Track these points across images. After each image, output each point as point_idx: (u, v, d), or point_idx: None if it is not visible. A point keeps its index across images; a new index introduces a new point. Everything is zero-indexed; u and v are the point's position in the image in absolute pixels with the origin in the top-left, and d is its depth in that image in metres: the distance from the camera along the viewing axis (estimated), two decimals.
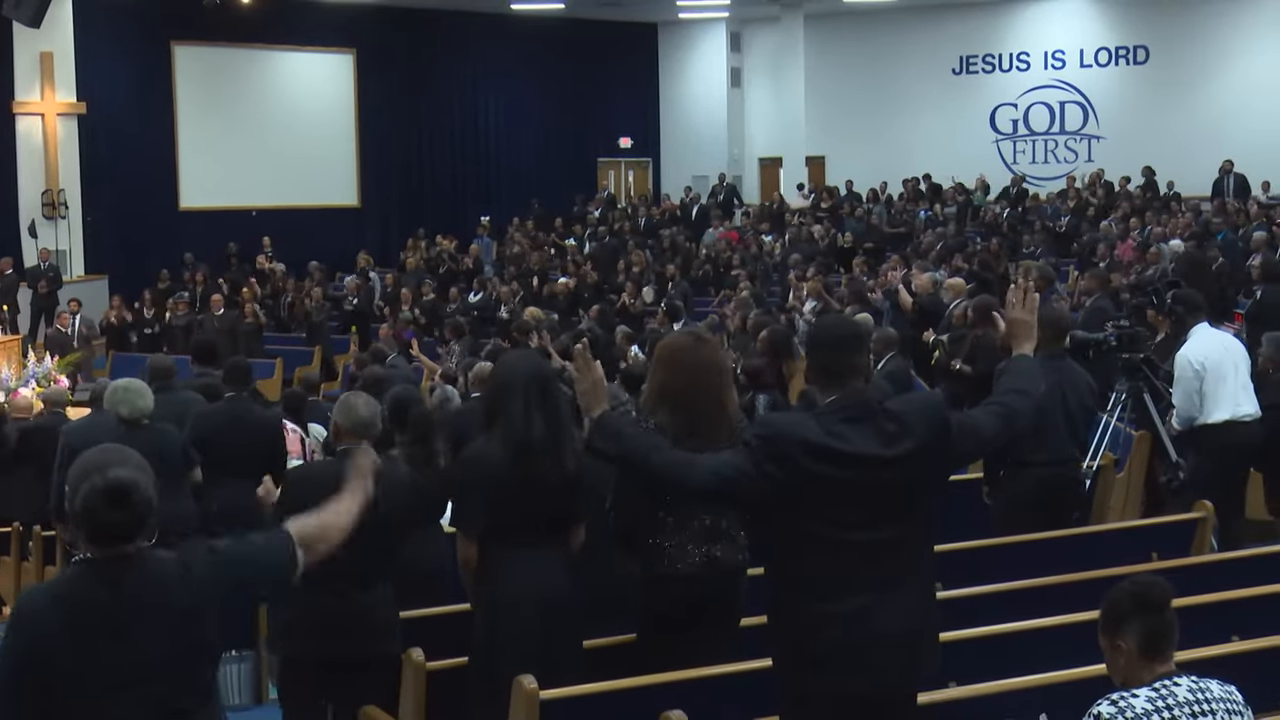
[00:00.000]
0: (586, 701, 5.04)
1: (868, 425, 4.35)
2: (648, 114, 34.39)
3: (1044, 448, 8.34)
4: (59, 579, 3.58)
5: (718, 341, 5.67)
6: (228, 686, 8.09)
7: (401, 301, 22.69)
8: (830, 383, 4.42)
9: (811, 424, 4.34)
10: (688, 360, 5.54)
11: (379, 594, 6.05)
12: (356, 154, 30.77)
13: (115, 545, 3.51)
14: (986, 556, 7.61)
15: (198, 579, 3.58)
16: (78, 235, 26.70)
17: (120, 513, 3.49)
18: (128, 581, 3.50)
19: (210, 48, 28.46)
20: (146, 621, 3.50)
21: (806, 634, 4.29)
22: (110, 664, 3.46)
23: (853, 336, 4.62)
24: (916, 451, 4.36)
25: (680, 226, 28.56)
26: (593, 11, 31.26)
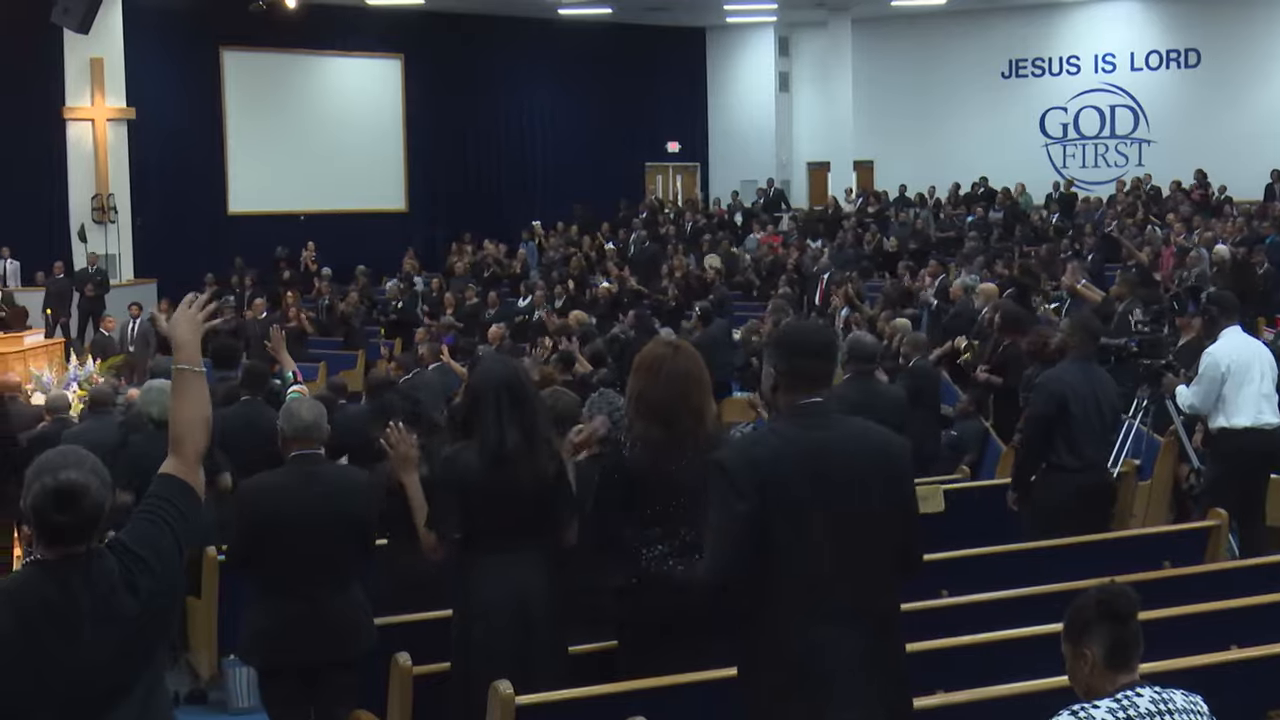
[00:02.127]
0: (563, 707, 5.02)
1: (827, 433, 4.28)
2: (696, 118, 34.37)
3: (1080, 452, 8.31)
4: (11, 578, 3.60)
5: (696, 351, 5.60)
6: (234, 689, 8.13)
7: (444, 306, 22.75)
8: (801, 390, 4.34)
9: (766, 443, 4.28)
10: (664, 370, 5.48)
11: (351, 596, 6.08)
12: (404, 159, 30.92)
13: (64, 546, 3.52)
14: (993, 563, 7.55)
15: (145, 575, 3.59)
16: (127, 239, 26.97)
17: (67, 515, 3.49)
18: (76, 582, 3.51)
19: (258, 53, 28.68)
20: (96, 621, 3.51)
21: (763, 663, 4.22)
22: (59, 662, 3.47)
23: (830, 344, 4.57)
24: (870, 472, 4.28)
25: (725, 231, 28.51)
26: (640, 16, 31.28)
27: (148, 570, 3.61)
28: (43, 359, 17.56)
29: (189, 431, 3.86)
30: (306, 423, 6.19)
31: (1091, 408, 8.30)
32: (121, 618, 3.55)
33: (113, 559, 3.59)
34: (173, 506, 3.72)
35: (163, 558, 3.65)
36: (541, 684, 5.22)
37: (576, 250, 27.28)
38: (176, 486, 3.77)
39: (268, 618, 6.11)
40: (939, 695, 5.08)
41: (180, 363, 3.94)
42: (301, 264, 27.67)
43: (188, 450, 3.84)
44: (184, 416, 3.88)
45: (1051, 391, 8.39)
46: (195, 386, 3.92)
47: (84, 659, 3.50)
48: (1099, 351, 9.33)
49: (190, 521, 3.75)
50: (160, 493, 3.75)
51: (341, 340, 22.67)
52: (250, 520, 6.06)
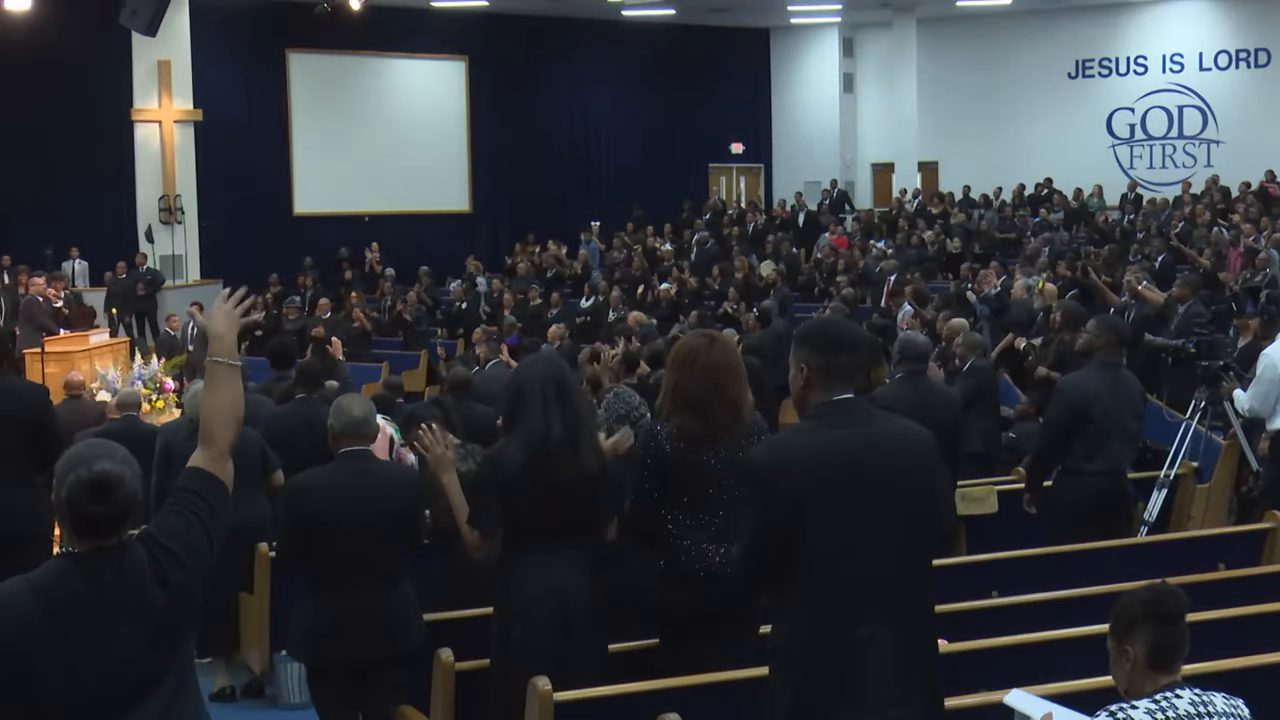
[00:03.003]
0: (600, 704, 5.02)
1: (858, 432, 4.25)
2: (759, 119, 34.33)
3: (1097, 457, 8.20)
4: (41, 571, 3.59)
5: (733, 343, 5.58)
6: (285, 685, 8.18)
7: (505, 307, 22.81)
8: (832, 387, 4.31)
9: (792, 441, 4.26)
10: (701, 362, 5.46)
11: (399, 594, 6.09)
12: (468, 160, 31.05)
13: (97, 538, 3.54)
14: (1044, 564, 7.49)
15: (175, 567, 3.61)
16: (194, 240, 27.24)
17: (103, 506, 3.51)
18: (107, 574, 3.53)
19: (324, 55, 28.89)
20: (126, 614, 3.53)
21: (798, 665, 4.19)
22: (89, 655, 3.49)
23: (862, 341, 4.55)
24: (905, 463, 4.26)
25: (788, 232, 28.45)
26: (703, 18, 31.26)
27: (177, 563, 3.62)
28: (108, 358, 17.67)
29: (219, 424, 3.88)
30: (357, 419, 6.19)
31: (1113, 412, 8.18)
32: (151, 610, 3.56)
33: (142, 551, 3.61)
34: (201, 500, 3.73)
35: (192, 550, 3.67)
36: (581, 682, 5.22)
37: (637, 251, 27.30)
38: (205, 480, 3.78)
39: (316, 615, 6.11)
40: (981, 694, 5.03)
41: (214, 355, 3.95)
42: (365, 264, 27.83)
43: (217, 443, 3.85)
44: (215, 409, 3.89)
45: (1070, 399, 8.29)
46: (228, 380, 3.93)
47: (113, 651, 3.52)
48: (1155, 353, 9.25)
49: (219, 514, 3.76)
50: (189, 486, 3.76)
51: (403, 340, 22.79)
52: (296, 516, 6.08)
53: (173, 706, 3.62)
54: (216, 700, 8.55)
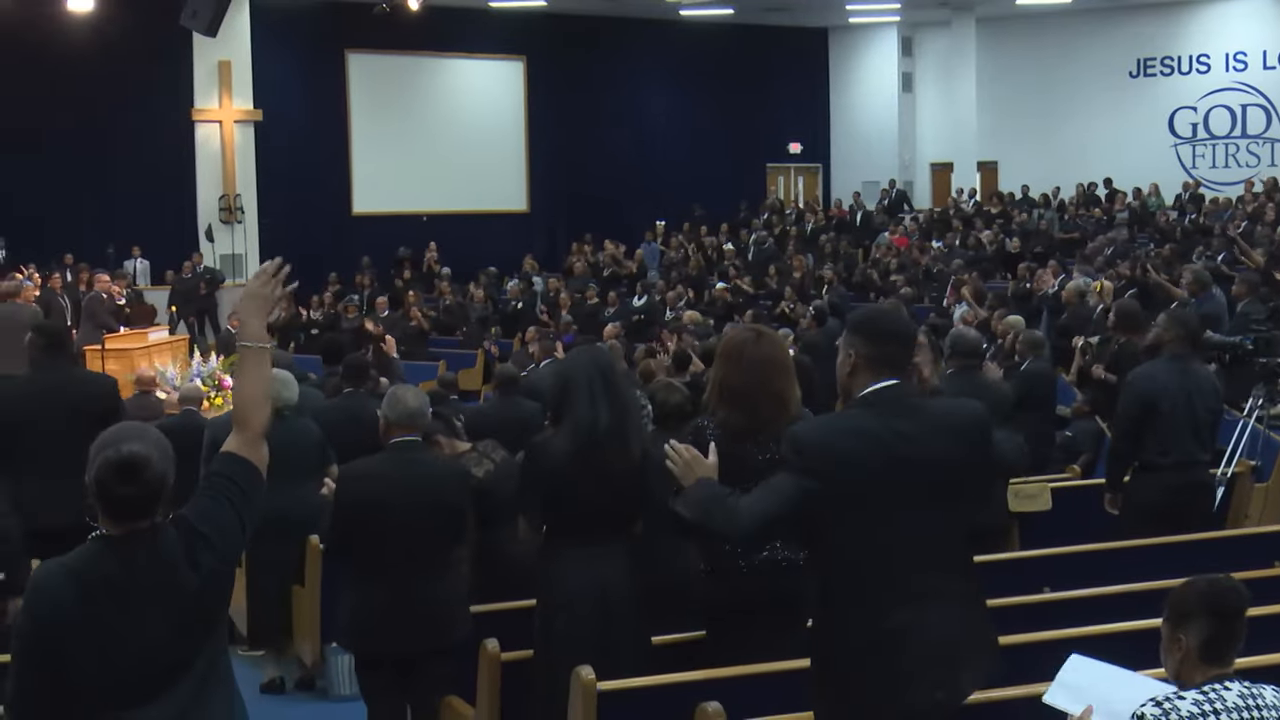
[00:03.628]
0: (643, 693, 5.02)
1: (905, 420, 4.23)
2: (818, 119, 34.24)
3: (1171, 451, 8.14)
4: (76, 554, 3.61)
5: (780, 337, 5.56)
6: (335, 677, 8.21)
7: (561, 306, 22.87)
8: (879, 374, 4.30)
9: (839, 424, 4.24)
10: (747, 356, 5.45)
11: (447, 584, 6.10)
12: (526, 160, 31.12)
13: (128, 520, 3.56)
14: (1098, 560, 7.43)
15: (207, 550, 3.62)
16: (253, 239, 27.44)
17: (130, 487, 3.52)
18: (140, 557, 3.55)
19: (383, 56, 29.02)
20: (158, 597, 3.55)
21: (843, 649, 4.18)
22: (122, 637, 3.52)
23: (909, 330, 4.52)
24: (950, 452, 4.24)
25: (845, 232, 28.38)
26: (761, 17, 31.20)
27: (209, 546, 3.63)
28: (167, 355, 17.85)
29: (251, 409, 3.88)
30: (411, 409, 6.20)
31: (1183, 405, 8.11)
32: (183, 593, 3.58)
33: (175, 534, 3.62)
34: (233, 484, 3.74)
35: (224, 533, 3.68)
36: (623, 672, 5.23)
37: (695, 251, 27.30)
38: (238, 464, 3.79)
39: (364, 605, 6.13)
40: (1031, 685, 4.98)
41: (244, 339, 3.95)
42: (424, 264, 27.95)
43: (250, 426, 3.86)
44: (246, 394, 3.89)
45: (1139, 391, 8.23)
46: (258, 363, 3.93)
47: (146, 633, 3.54)
48: (1212, 350, 9.14)
49: (252, 498, 3.77)
50: (222, 470, 3.77)
51: (460, 339, 22.87)
52: (345, 504, 6.10)
53: (204, 688, 3.63)
54: (267, 692, 8.61)
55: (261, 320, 3.97)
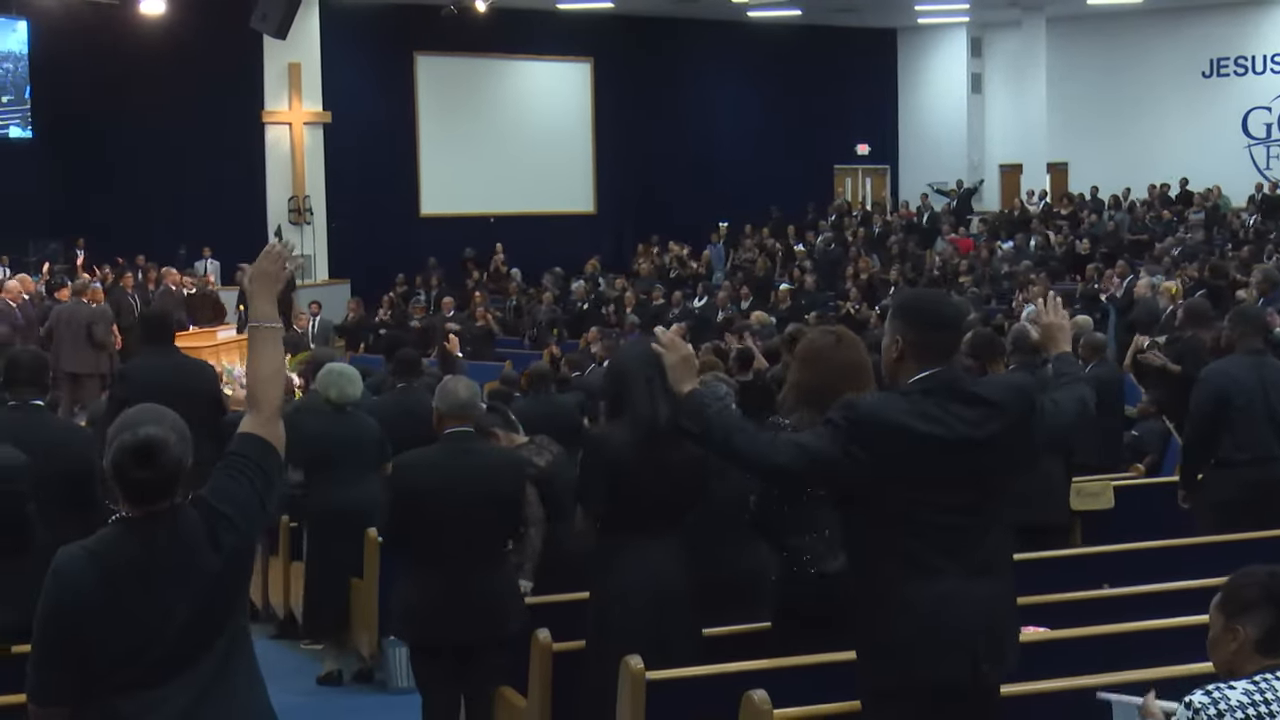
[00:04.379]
0: (691, 683, 5.01)
1: (956, 406, 4.22)
2: (886, 120, 34.09)
3: (1247, 446, 8.03)
4: (97, 537, 3.63)
5: (860, 341, 5.53)
6: (393, 669, 8.24)
7: (627, 306, 22.89)
8: (926, 361, 4.27)
9: (898, 404, 4.22)
10: (826, 359, 5.42)
11: (501, 575, 6.11)
12: (592, 161, 31.17)
13: (147, 503, 3.57)
14: (1159, 558, 7.34)
15: (228, 530, 3.64)
16: (322, 240, 27.64)
17: (147, 470, 3.54)
18: (161, 538, 3.57)
19: (451, 57, 29.15)
20: (180, 578, 3.56)
21: (886, 620, 4.17)
22: (143, 619, 3.54)
23: (958, 316, 4.50)
24: (1003, 435, 4.23)
25: (912, 234, 28.25)
26: (829, 18, 31.09)
27: (230, 526, 3.64)
28: (234, 353, 18.02)
29: (264, 388, 3.86)
30: (462, 400, 6.22)
31: (1259, 400, 8.00)
32: (205, 574, 3.59)
33: (196, 515, 3.63)
34: (251, 462, 3.74)
35: (245, 512, 3.69)
36: (676, 665, 5.20)
37: (762, 252, 27.26)
38: (256, 443, 3.78)
39: (419, 595, 6.16)
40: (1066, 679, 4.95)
41: (254, 320, 3.94)
42: (491, 265, 28.06)
43: (265, 406, 3.85)
44: (259, 374, 3.88)
45: (1213, 386, 8.12)
46: (269, 343, 3.92)
47: (168, 614, 3.55)
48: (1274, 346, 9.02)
49: (271, 476, 3.77)
50: (240, 450, 3.77)
51: (527, 340, 22.93)
52: (399, 493, 6.13)
53: (226, 666, 3.65)
54: (325, 684, 8.66)
55: (270, 300, 3.96)
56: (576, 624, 5.78)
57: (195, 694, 3.58)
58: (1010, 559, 4.38)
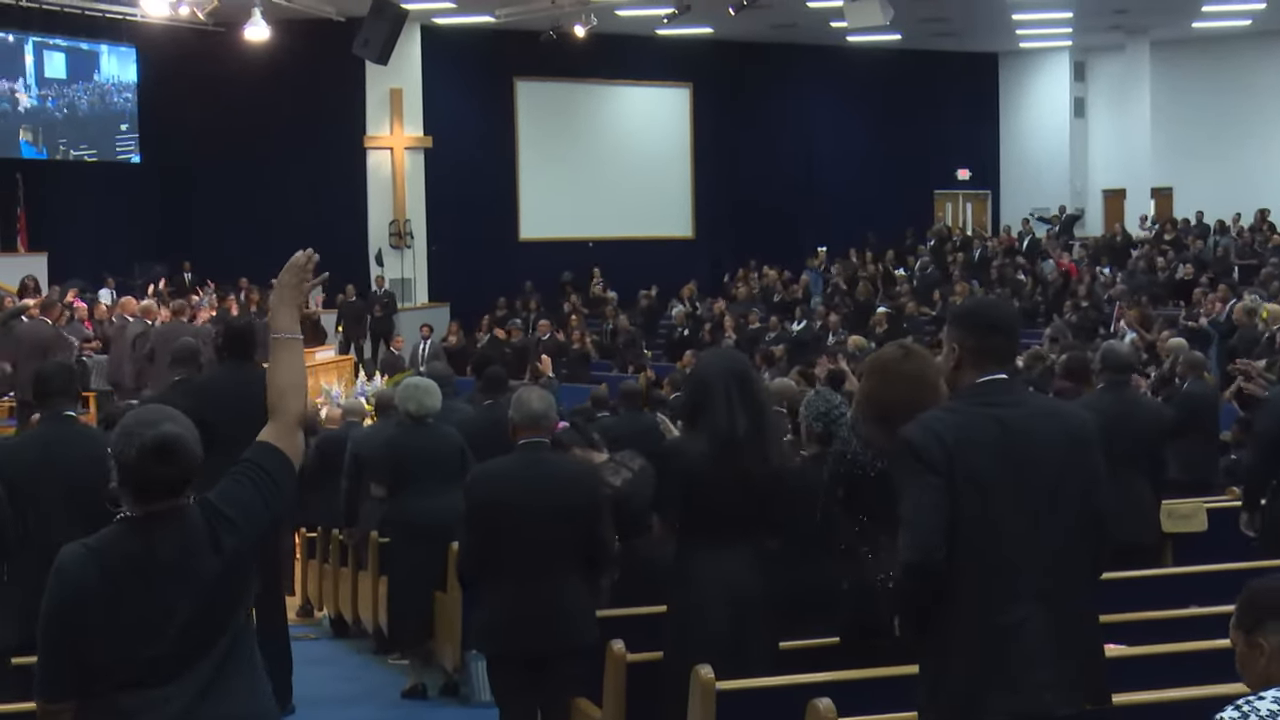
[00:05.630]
0: (762, 694, 4.99)
1: (1012, 412, 4.13)
2: (986, 145, 33.83)
3: None
4: (100, 534, 3.68)
5: (929, 355, 5.48)
6: (476, 682, 8.26)
7: (724, 330, 22.91)
8: (984, 367, 4.20)
9: (949, 420, 4.14)
10: (895, 372, 5.37)
11: (575, 586, 6.11)
12: (691, 186, 31.23)
13: (161, 500, 3.62)
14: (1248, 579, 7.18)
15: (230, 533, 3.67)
16: (422, 264, 27.91)
17: (167, 467, 3.59)
18: (163, 538, 3.61)
19: (551, 83, 29.34)
20: (180, 577, 3.60)
21: (954, 645, 4.07)
22: (143, 618, 3.58)
23: (1013, 321, 4.43)
24: (1062, 449, 4.13)
25: (1013, 259, 28.02)
26: (930, 42, 30.95)
27: (233, 529, 3.68)
28: (333, 374, 18.26)
29: (284, 398, 3.91)
30: (536, 412, 6.23)
31: None
32: (205, 574, 3.63)
33: (199, 516, 3.66)
34: (262, 470, 3.78)
35: (248, 516, 3.72)
36: (752, 676, 5.18)
37: (863, 276, 27.16)
38: (269, 452, 3.83)
39: (495, 605, 6.16)
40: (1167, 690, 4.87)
41: (275, 331, 3.99)
42: (589, 289, 28.18)
43: (283, 416, 3.89)
44: (279, 384, 3.93)
45: (1276, 410, 8.00)
46: (290, 353, 3.98)
47: (168, 614, 3.59)
48: None
49: (280, 484, 3.80)
50: (252, 457, 3.82)
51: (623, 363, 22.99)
52: (474, 503, 6.16)
53: (226, 667, 3.67)
54: (408, 698, 8.71)
55: (293, 312, 4.03)
56: (651, 635, 5.78)
57: (195, 693, 3.61)
58: (1080, 586, 4.21)
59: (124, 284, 22.92)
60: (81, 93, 25.53)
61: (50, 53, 25.01)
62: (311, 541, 12.45)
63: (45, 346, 15.58)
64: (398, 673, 9.35)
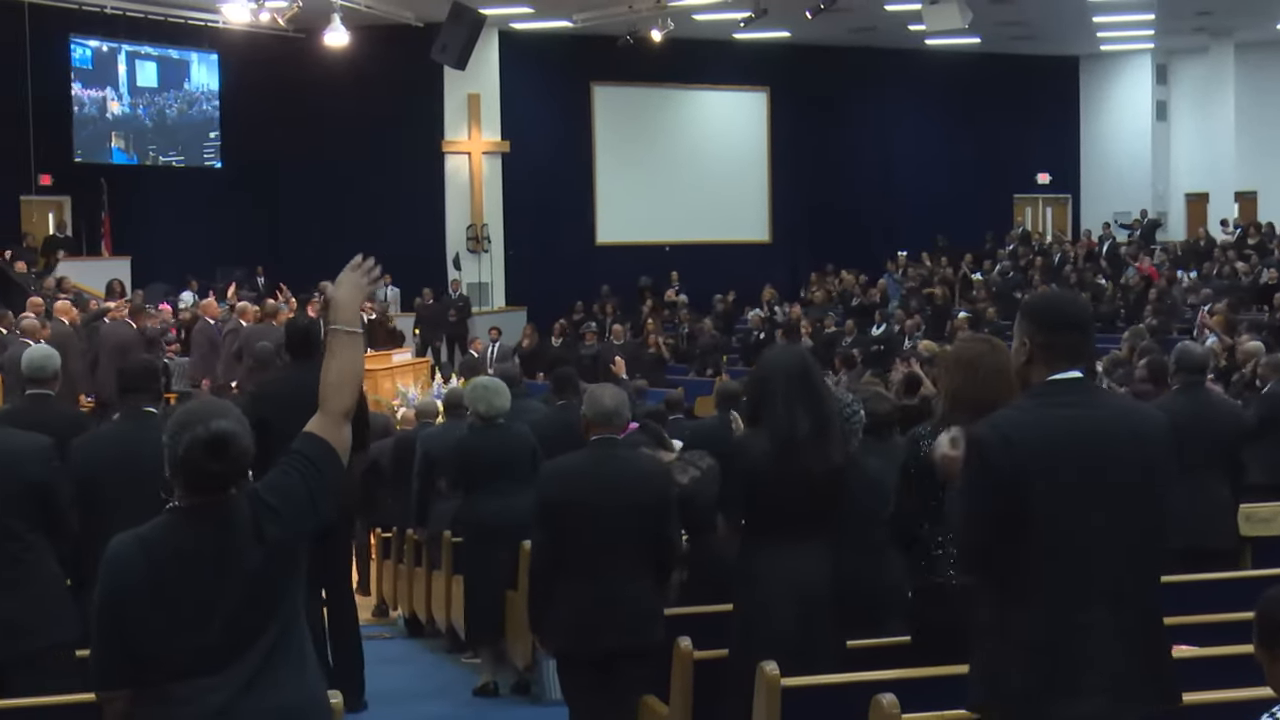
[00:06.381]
0: (827, 691, 4.97)
1: (1083, 411, 4.08)
2: (1067, 149, 33.52)
3: None
4: (150, 524, 3.72)
5: None
6: (547, 681, 8.28)
7: (800, 333, 22.84)
8: (1055, 363, 4.14)
9: (1014, 419, 4.08)
10: (980, 366, 5.33)
11: (644, 584, 6.10)
12: (768, 190, 31.18)
13: (212, 493, 3.66)
14: None
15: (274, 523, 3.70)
16: (499, 268, 28.08)
17: (219, 463, 3.63)
18: (210, 529, 3.66)
19: (628, 87, 29.41)
20: (226, 567, 3.64)
21: (1006, 649, 4.02)
22: (191, 608, 3.61)
23: (1086, 316, 4.35)
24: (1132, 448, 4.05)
25: (1094, 263, 27.77)
26: (1010, 46, 30.71)
27: (277, 519, 3.70)
28: (409, 376, 18.37)
29: (336, 391, 3.92)
30: (608, 409, 6.22)
31: None
32: (249, 565, 3.66)
33: (246, 507, 3.70)
34: (307, 460, 3.80)
35: (292, 506, 3.74)
36: (819, 674, 5.17)
37: (938, 280, 27.02)
38: (316, 443, 3.84)
39: (564, 603, 6.15)
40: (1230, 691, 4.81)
41: (336, 323, 3.99)
42: (665, 293, 28.20)
43: (333, 409, 3.90)
44: (333, 377, 3.93)
45: None
46: (349, 347, 3.97)
47: (213, 604, 3.62)
48: None
49: (326, 475, 3.81)
50: (300, 448, 3.84)
51: (699, 367, 22.98)
52: (544, 499, 6.17)
53: (273, 658, 3.69)
54: (480, 695, 8.75)
55: (353, 307, 4.03)
56: (718, 633, 5.78)
57: (243, 683, 3.64)
58: (1150, 587, 4.15)
59: (205, 287, 23.17)
60: (171, 100, 25.93)
61: (142, 62, 25.45)
62: (386, 542, 12.54)
63: (125, 347, 15.82)
64: (470, 671, 9.39)
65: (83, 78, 24.56)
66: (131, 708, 3.67)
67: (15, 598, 5.65)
